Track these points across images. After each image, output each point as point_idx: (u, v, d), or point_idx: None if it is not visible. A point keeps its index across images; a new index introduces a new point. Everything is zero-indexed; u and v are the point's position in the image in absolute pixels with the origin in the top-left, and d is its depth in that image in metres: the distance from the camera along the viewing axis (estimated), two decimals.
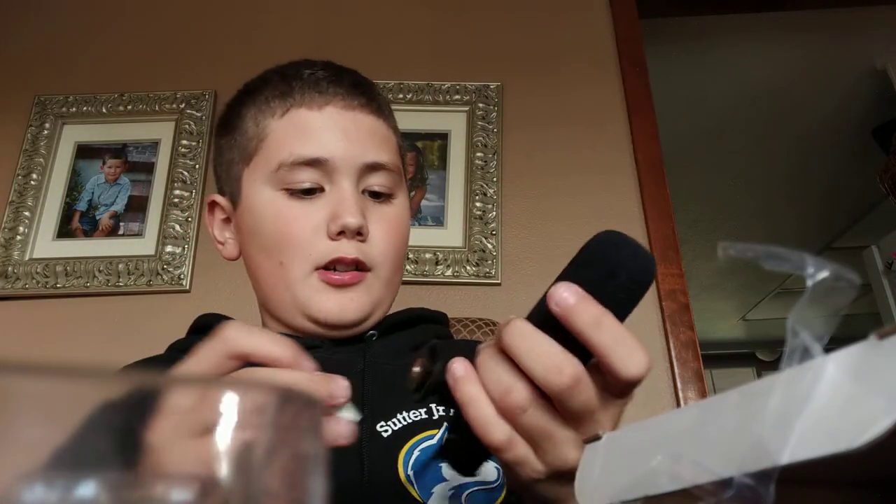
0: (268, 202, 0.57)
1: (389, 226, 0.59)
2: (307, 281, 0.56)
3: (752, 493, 0.17)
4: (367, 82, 0.63)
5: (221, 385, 0.15)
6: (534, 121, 1.47)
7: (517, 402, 0.32)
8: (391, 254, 0.59)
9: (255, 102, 0.60)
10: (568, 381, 0.31)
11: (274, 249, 0.57)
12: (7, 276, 1.35)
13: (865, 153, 2.76)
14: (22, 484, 0.12)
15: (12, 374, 0.12)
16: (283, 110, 0.58)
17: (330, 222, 0.55)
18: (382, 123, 0.61)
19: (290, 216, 0.56)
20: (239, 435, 0.14)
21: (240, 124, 0.61)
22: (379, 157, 0.59)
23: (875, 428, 0.15)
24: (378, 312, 0.60)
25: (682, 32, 2.18)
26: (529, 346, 0.32)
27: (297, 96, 0.58)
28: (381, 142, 0.60)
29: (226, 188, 0.63)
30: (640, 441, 0.24)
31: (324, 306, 0.56)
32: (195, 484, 0.13)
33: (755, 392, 0.19)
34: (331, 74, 0.60)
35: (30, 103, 1.52)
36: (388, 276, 0.59)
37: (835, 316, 0.18)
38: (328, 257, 0.55)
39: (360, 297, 0.57)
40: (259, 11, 1.63)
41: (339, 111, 0.58)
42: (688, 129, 2.68)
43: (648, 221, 1.35)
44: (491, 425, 0.32)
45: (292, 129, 0.57)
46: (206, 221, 0.66)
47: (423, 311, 0.67)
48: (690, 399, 1.20)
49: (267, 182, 0.57)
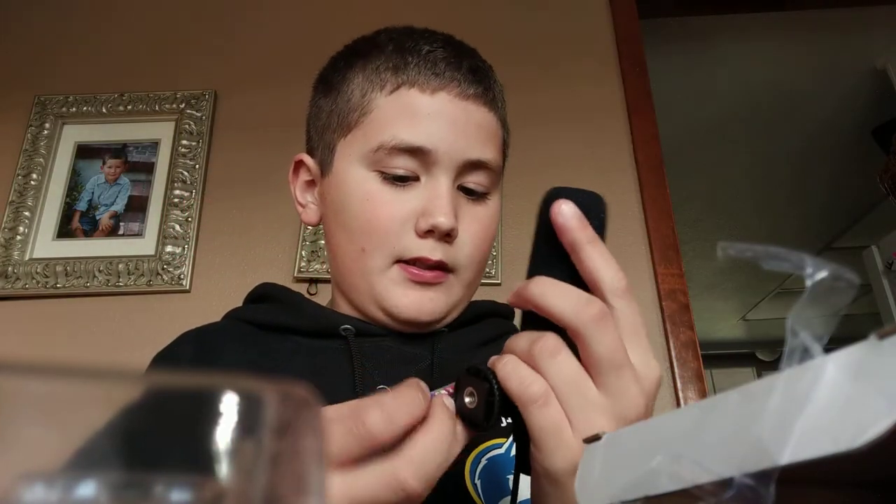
0: (359, 182, 0.53)
1: (480, 227, 0.55)
2: (387, 273, 0.53)
3: (753, 494, 0.17)
4: (485, 68, 0.59)
5: (265, 392, 0.15)
6: (534, 120, 1.47)
7: (548, 345, 0.32)
8: (477, 257, 0.56)
9: (365, 69, 0.56)
10: (597, 312, 0.32)
11: (357, 233, 0.54)
12: (7, 276, 1.35)
13: (865, 153, 2.77)
14: (22, 484, 0.12)
15: (12, 374, 0.12)
16: (393, 86, 0.54)
17: (420, 217, 0.52)
18: (493, 117, 0.57)
19: (379, 201, 0.53)
20: (239, 435, 0.14)
21: (344, 88, 0.56)
22: (483, 154, 0.54)
23: (875, 428, 0.15)
24: (454, 313, 0.57)
25: (682, 32, 2.18)
26: (554, 291, 0.33)
27: (411, 73, 0.53)
28: (489, 138, 0.56)
29: (316, 152, 0.59)
30: (640, 441, 0.24)
31: (400, 301, 0.53)
32: (195, 484, 0.13)
33: (755, 392, 0.19)
34: (450, 55, 0.55)
35: (30, 103, 1.52)
36: (471, 279, 0.56)
37: (835, 316, 0.18)
38: (411, 254, 0.52)
39: (438, 297, 0.54)
40: (259, 11, 1.63)
41: (452, 99, 0.54)
42: (688, 129, 2.68)
43: (648, 221, 1.35)
44: (526, 377, 0.32)
45: (400, 110, 0.53)
46: (290, 180, 0.62)
47: (492, 306, 0.64)
48: (690, 399, 1.20)
49: (362, 160, 0.53)
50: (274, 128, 1.48)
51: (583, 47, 1.55)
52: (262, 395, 0.15)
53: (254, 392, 0.15)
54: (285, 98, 1.47)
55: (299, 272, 1.32)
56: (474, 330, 0.60)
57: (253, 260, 1.37)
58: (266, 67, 1.54)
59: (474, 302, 0.62)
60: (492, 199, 0.57)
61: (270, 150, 1.45)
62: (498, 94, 0.59)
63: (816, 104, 2.59)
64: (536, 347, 0.32)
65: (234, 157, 1.47)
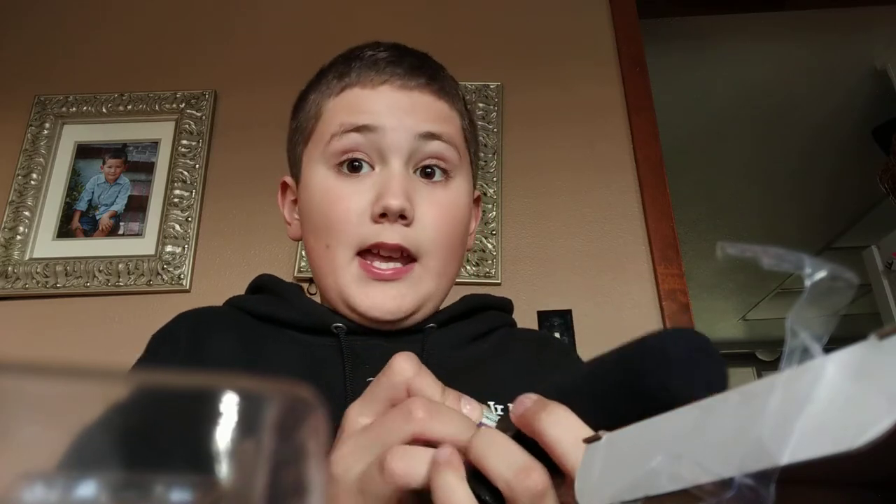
0: (320, 180, 0.55)
1: (441, 209, 0.55)
2: (349, 268, 0.53)
3: (753, 494, 0.17)
4: (431, 64, 0.60)
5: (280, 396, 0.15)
6: (534, 120, 1.47)
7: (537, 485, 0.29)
8: (441, 240, 0.54)
9: (319, 85, 0.59)
10: (536, 485, 0.27)
11: (321, 230, 0.54)
12: (7, 276, 1.35)
13: (865, 153, 2.76)
14: (22, 484, 0.12)
15: (12, 374, 0.12)
16: (339, 90, 0.56)
17: (373, 204, 0.52)
18: (444, 104, 0.57)
19: (336, 195, 0.54)
20: (239, 435, 0.14)
21: (303, 106, 0.60)
22: (434, 128, 0.54)
23: (875, 428, 0.15)
24: (429, 306, 0.56)
25: (682, 32, 2.18)
26: (497, 451, 0.29)
27: (353, 76, 0.56)
28: (440, 117, 0.56)
29: (293, 170, 0.62)
30: (640, 441, 0.24)
31: (362, 300, 0.53)
32: (195, 484, 0.14)
33: (755, 392, 0.19)
34: (392, 55, 0.57)
35: (30, 103, 1.52)
36: (440, 267, 0.55)
37: (834, 316, 0.18)
38: (369, 241, 0.52)
39: (403, 292, 0.53)
40: (259, 11, 1.63)
41: (395, 90, 0.55)
42: (688, 129, 2.68)
43: (648, 221, 1.35)
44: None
45: (346, 105, 0.55)
46: (279, 202, 0.65)
47: (484, 299, 0.62)
48: None
49: (320, 159, 0.55)
50: (274, 128, 1.48)
51: (583, 47, 1.55)
52: (262, 395, 0.15)
53: (254, 392, 0.15)
54: (285, 98, 1.47)
55: (299, 272, 1.32)
56: (465, 325, 0.59)
57: (253, 260, 1.37)
58: (266, 67, 1.54)
59: (468, 295, 0.61)
60: (455, 182, 0.57)
61: (270, 150, 1.45)
62: (449, 87, 0.59)
63: (816, 104, 2.59)
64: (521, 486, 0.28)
65: (234, 157, 1.47)
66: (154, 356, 0.55)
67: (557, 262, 1.34)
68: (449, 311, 0.59)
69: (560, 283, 1.32)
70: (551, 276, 1.33)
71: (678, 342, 0.25)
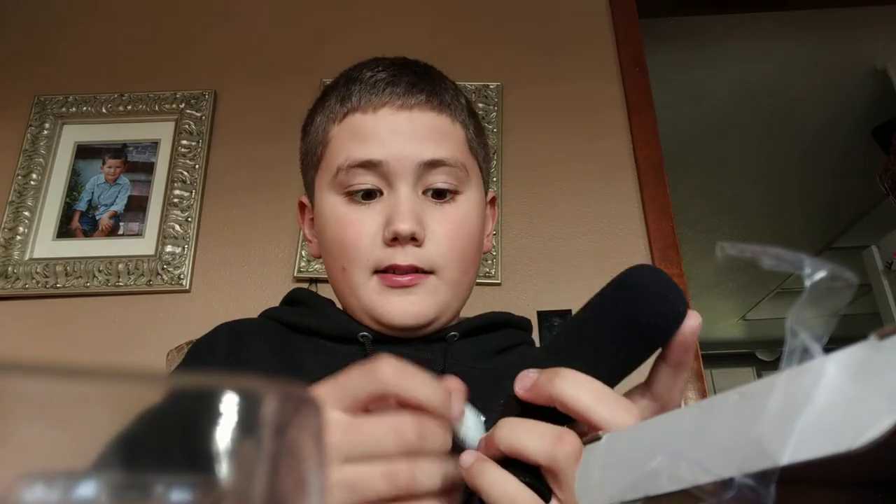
0: (331, 207, 0.58)
1: (451, 226, 0.57)
2: (368, 284, 0.56)
3: (753, 494, 0.17)
4: (429, 77, 0.61)
5: (229, 386, 0.15)
6: (534, 121, 1.47)
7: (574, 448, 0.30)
8: (453, 255, 0.57)
9: (324, 108, 0.61)
10: (574, 446, 0.29)
11: (336, 254, 0.58)
12: (7, 276, 1.35)
13: (865, 153, 2.77)
14: (22, 484, 0.12)
15: (12, 374, 0.12)
16: (342, 115, 0.58)
17: (385, 228, 0.55)
18: (445, 118, 0.59)
19: (347, 222, 0.57)
20: (239, 435, 0.14)
21: (311, 129, 0.62)
22: (437, 153, 0.57)
23: (875, 428, 0.15)
24: (447, 314, 0.58)
25: (682, 32, 2.18)
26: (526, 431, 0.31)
27: (353, 100, 0.58)
28: (441, 137, 0.58)
29: (308, 191, 0.65)
30: (640, 441, 0.24)
31: (386, 309, 0.55)
32: (195, 484, 0.13)
33: (755, 392, 0.19)
34: (390, 75, 0.58)
35: (30, 103, 1.52)
36: (455, 278, 0.58)
37: (834, 316, 0.18)
38: (383, 264, 0.55)
39: (422, 299, 0.56)
40: (259, 11, 1.63)
41: (395, 112, 0.57)
42: (688, 129, 2.68)
43: (648, 221, 1.35)
44: None
45: (350, 133, 0.57)
46: (299, 221, 0.69)
47: (507, 316, 0.65)
48: (690, 399, 1.20)
49: (330, 187, 0.58)
50: (274, 127, 1.48)
51: (583, 47, 1.55)
52: (261, 394, 0.15)
53: (254, 392, 0.15)
54: (285, 98, 1.47)
55: (299, 272, 1.32)
56: (491, 338, 0.61)
57: (253, 260, 1.37)
58: (266, 67, 1.54)
59: (490, 312, 0.63)
60: (463, 196, 0.59)
61: (270, 149, 1.45)
62: (450, 97, 0.61)
63: (817, 104, 2.59)
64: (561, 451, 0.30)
65: (234, 157, 1.47)
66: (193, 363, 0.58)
67: (557, 262, 1.34)
68: (470, 323, 0.61)
69: (560, 283, 1.32)
70: (551, 276, 1.33)
71: (656, 279, 0.32)
